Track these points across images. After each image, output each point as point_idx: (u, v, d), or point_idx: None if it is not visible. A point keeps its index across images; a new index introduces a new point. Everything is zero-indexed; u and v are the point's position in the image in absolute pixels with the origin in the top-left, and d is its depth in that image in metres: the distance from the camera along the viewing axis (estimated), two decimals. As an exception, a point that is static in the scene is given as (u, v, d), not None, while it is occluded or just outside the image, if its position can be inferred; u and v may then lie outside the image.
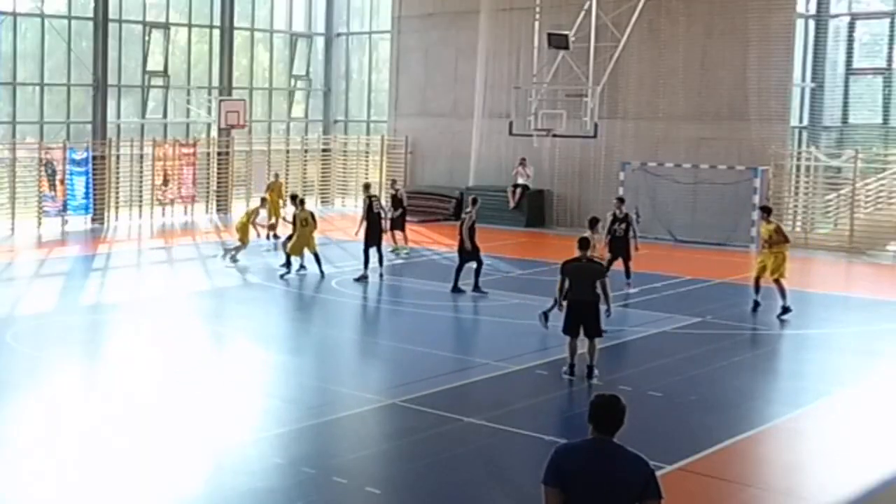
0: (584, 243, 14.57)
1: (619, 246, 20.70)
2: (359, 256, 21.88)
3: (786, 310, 18.28)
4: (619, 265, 20.55)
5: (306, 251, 21.93)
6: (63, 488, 10.07)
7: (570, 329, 14.21)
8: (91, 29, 31.27)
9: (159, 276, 22.96)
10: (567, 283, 14.21)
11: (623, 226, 20.82)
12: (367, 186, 23.72)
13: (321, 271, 21.75)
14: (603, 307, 14.31)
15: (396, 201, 25.08)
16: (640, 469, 5.80)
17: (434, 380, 14.02)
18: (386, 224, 23.44)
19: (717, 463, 11.23)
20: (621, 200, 21.84)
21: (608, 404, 5.90)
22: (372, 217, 22.05)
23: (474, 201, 21.15)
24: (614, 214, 20.98)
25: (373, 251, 21.72)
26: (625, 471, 5.80)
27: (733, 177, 28.25)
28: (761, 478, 10.78)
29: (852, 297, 22.15)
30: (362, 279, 21.36)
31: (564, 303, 14.34)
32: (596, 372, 14.07)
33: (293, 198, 23.21)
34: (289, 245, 22.13)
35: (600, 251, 18.81)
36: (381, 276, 21.68)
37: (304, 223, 21.87)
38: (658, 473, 5.77)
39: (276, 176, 29.78)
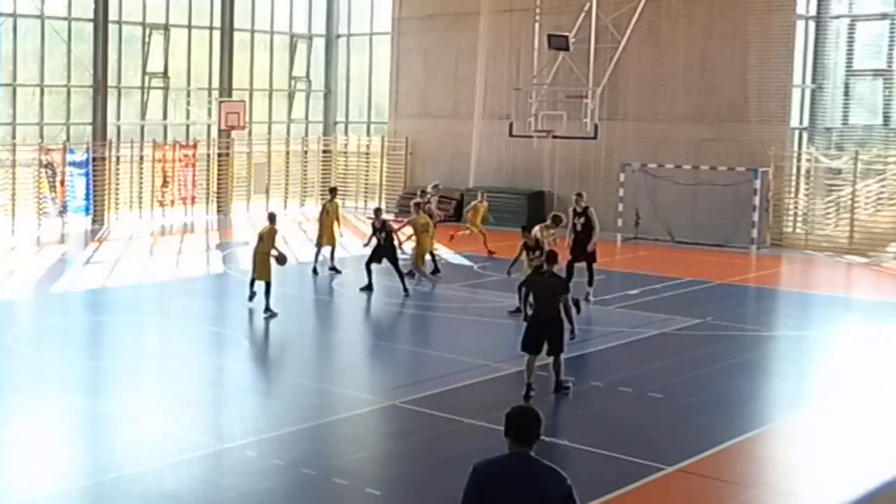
0: (550, 257, 13.82)
1: (579, 244, 19.66)
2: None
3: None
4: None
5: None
6: (63, 489, 10.06)
7: (530, 346, 13.26)
8: (91, 30, 31.23)
9: (159, 276, 22.94)
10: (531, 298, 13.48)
11: (582, 220, 19.74)
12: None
13: None
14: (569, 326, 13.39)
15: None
16: (559, 483, 5.68)
17: (434, 381, 14.03)
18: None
19: (717, 464, 11.21)
20: (580, 195, 20.56)
21: (523, 416, 5.74)
22: None
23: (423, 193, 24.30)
24: (574, 210, 19.96)
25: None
26: (545, 485, 5.67)
27: (733, 178, 28.22)
28: (762, 479, 10.77)
29: (852, 298, 22.14)
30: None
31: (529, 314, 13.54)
32: (568, 384, 13.49)
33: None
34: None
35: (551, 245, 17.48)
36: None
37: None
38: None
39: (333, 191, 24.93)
